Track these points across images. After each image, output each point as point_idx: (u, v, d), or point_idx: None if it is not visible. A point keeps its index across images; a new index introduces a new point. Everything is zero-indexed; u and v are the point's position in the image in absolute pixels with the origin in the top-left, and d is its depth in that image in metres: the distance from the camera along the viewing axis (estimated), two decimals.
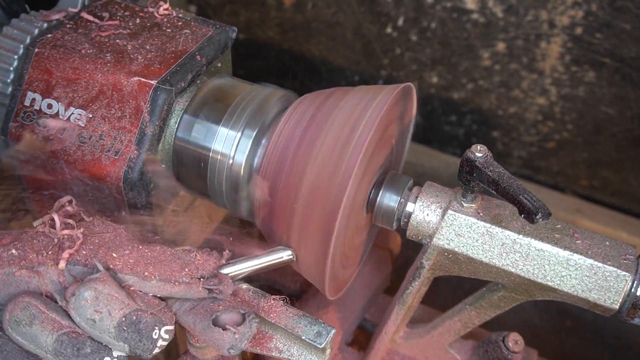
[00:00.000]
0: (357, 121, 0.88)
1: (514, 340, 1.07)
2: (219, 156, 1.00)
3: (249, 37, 2.15)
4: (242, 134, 0.99)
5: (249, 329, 0.77)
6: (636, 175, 1.85)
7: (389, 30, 1.91)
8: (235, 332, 0.76)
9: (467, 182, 0.88)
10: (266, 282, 1.38)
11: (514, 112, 1.90)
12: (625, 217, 1.88)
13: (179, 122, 1.02)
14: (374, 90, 0.94)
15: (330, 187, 0.87)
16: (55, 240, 0.83)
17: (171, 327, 0.79)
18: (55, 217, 0.85)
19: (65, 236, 0.83)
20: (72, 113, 1.02)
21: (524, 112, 1.88)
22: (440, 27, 1.83)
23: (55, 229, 0.84)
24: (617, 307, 0.86)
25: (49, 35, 1.06)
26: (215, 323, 0.77)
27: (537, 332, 1.75)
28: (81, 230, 0.84)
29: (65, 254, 0.80)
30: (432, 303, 1.24)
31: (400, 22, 1.87)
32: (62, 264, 0.80)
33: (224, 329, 0.76)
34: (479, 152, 0.86)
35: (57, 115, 1.03)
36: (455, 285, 1.72)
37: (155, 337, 0.76)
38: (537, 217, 0.76)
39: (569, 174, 1.95)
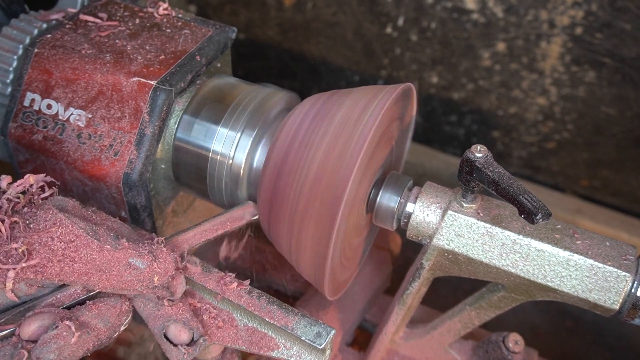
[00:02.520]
0: (356, 122, 0.88)
1: (514, 341, 1.06)
2: (219, 156, 1.00)
3: (249, 37, 2.15)
4: (242, 133, 0.99)
5: (197, 350, 0.82)
6: (636, 176, 1.85)
7: (389, 30, 1.91)
8: (184, 353, 0.81)
9: (467, 182, 0.88)
10: (266, 281, 1.37)
11: (514, 112, 1.89)
12: (625, 217, 1.88)
13: (179, 123, 1.02)
14: (373, 90, 0.94)
15: (329, 187, 0.86)
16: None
17: (128, 317, 0.84)
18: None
19: (13, 250, 0.78)
20: (72, 113, 1.02)
21: (524, 112, 1.88)
22: (440, 27, 1.83)
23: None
24: (618, 307, 0.86)
25: (49, 36, 1.06)
26: (166, 333, 0.83)
27: (537, 333, 1.75)
28: (25, 245, 0.78)
29: (12, 274, 0.77)
30: (432, 303, 1.24)
31: (401, 22, 1.87)
32: (9, 285, 0.77)
33: (174, 344, 0.82)
34: (478, 152, 0.86)
35: (56, 115, 1.03)
36: (455, 286, 1.72)
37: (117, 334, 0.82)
38: (537, 217, 0.76)
39: (569, 174, 1.95)
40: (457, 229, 0.92)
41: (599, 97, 1.75)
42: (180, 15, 1.13)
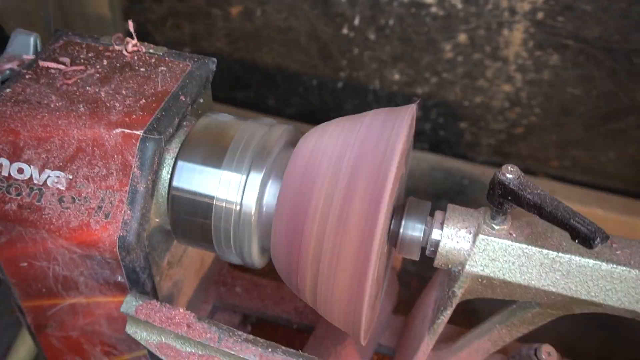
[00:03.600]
0: (377, 157, 0.82)
1: (547, 352, 1.03)
2: (224, 203, 0.91)
3: (196, 50, 2.04)
4: (247, 176, 0.90)
5: None
6: (605, 152, 1.87)
7: (345, 31, 1.84)
8: None
9: (500, 205, 0.83)
10: (268, 318, 1.30)
11: (480, 102, 1.87)
12: (598, 193, 1.89)
13: (173, 171, 0.93)
14: (385, 118, 0.87)
15: (358, 227, 0.80)
16: None
17: None
18: None
19: None
20: (49, 176, 0.91)
21: (490, 100, 1.86)
22: (398, 24, 1.78)
23: None
24: None
25: (8, 90, 0.94)
26: None
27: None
28: None
29: None
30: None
31: (357, 21, 1.81)
32: None
33: None
34: (509, 173, 0.81)
35: (30, 180, 0.91)
36: None
37: None
38: (596, 242, 0.72)
39: (539, 157, 1.95)
40: (491, 253, 0.87)
41: (564, 79, 1.75)
42: (151, 51, 1.02)
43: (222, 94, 2.16)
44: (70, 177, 0.90)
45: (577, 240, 0.74)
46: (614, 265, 0.84)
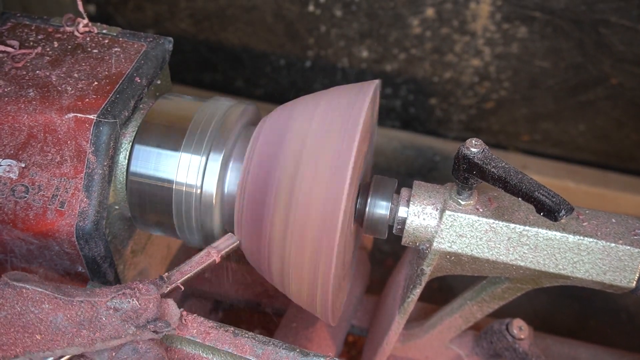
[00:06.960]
0: (339, 133, 0.80)
1: (518, 327, 1.03)
2: (184, 187, 0.88)
3: (160, 32, 1.99)
4: (207, 158, 0.87)
5: None
6: (575, 124, 1.87)
7: (311, 8, 1.80)
8: None
9: (465, 180, 0.82)
10: (238, 303, 1.28)
11: (449, 77, 1.86)
12: (569, 166, 1.90)
13: (130, 156, 0.90)
14: (346, 94, 0.85)
15: (322, 206, 0.78)
16: None
17: None
18: None
19: None
20: (0, 165, 0.87)
21: (459, 75, 1.84)
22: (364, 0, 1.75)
23: None
24: (634, 285, 0.83)
25: None
26: None
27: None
28: None
29: None
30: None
31: None
32: None
33: None
34: (474, 147, 0.79)
35: None
36: None
37: None
38: (561, 214, 0.71)
39: (510, 132, 1.95)
40: (458, 229, 0.86)
41: (533, 51, 1.74)
42: (104, 31, 0.98)
43: (189, 77, 2.12)
44: (23, 165, 0.87)
45: (542, 213, 0.73)
46: (581, 237, 0.83)
